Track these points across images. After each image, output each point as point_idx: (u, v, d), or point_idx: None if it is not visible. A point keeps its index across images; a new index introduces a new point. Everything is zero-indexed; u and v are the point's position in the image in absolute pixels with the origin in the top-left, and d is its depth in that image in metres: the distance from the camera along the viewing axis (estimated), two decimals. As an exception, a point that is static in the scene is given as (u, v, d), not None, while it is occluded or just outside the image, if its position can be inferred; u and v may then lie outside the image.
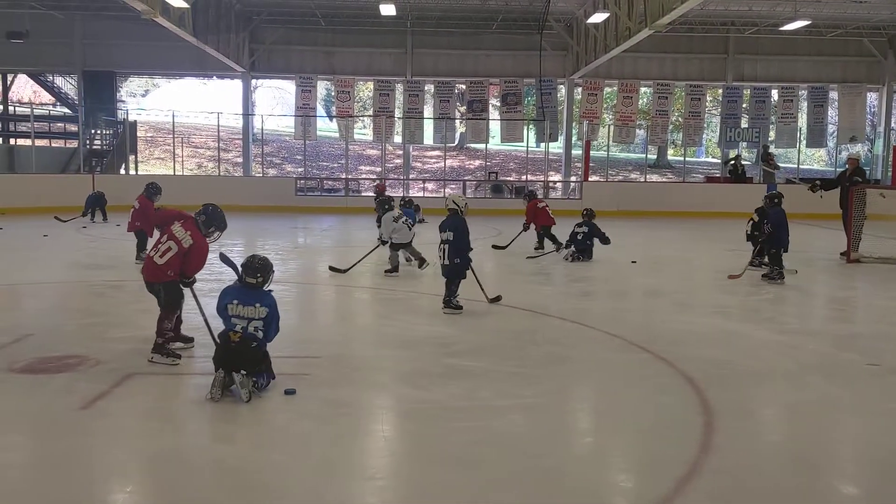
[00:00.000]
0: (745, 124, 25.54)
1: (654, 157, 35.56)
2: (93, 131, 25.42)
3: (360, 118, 30.09)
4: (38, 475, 3.82)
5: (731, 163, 23.39)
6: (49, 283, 8.83)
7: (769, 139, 25.81)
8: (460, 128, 29.36)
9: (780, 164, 25.14)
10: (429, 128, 25.66)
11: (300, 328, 5.29)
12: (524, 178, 28.16)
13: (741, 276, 9.93)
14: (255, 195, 20.73)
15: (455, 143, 32.32)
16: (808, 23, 21.06)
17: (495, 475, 3.87)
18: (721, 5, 22.10)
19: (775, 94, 26.11)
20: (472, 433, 4.41)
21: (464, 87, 25.91)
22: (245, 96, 26.45)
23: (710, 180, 26.15)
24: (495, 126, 26.60)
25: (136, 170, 25.97)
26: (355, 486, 3.76)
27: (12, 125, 26.50)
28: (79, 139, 23.53)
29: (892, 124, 26.10)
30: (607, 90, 26.35)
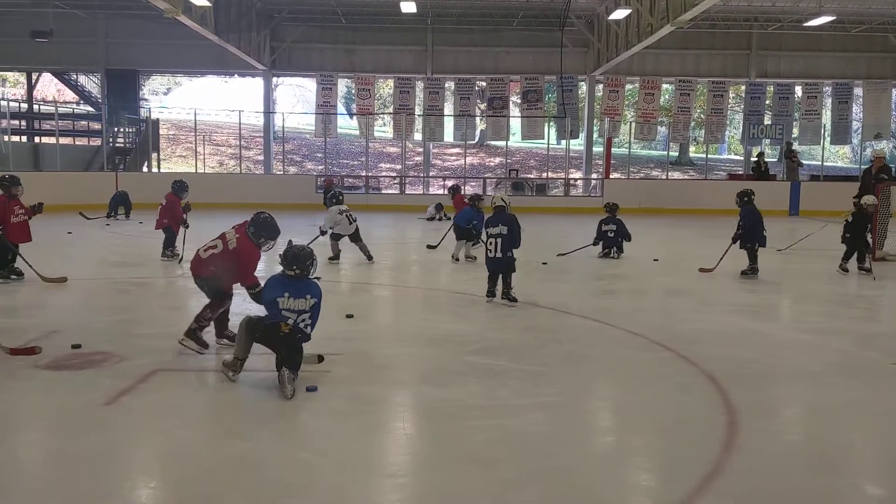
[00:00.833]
0: (768, 121, 25.34)
1: (676, 154, 35.40)
2: (116, 129, 25.73)
3: (381, 115, 30.14)
4: (63, 471, 3.86)
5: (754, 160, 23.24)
6: (74, 279, 8.93)
7: (793, 136, 25.58)
8: (480, 125, 29.34)
9: (803, 161, 24.92)
10: (449, 125, 25.67)
11: (320, 325, 5.31)
12: (545, 175, 28.12)
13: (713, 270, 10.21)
14: (276, 193, 20.78)
15: (475, 141, 32.33)
16: (833, 18, 20.88)
17: (515, 474, 3.86)
18: (744, 1, 21.95)
19: (799, 90, 25.87)
20: (492, 431, 4.41)
21: (484, 84, 25.90)
22: (266, 94, 26.60)
23: (733, 177, 25.97)
24: (516, 123, 26.58)
25: (158, 167, 26.24)
26: (375, 484, 3.78)
27: (37, 123, 26.82)
28: (102, 137, 23.80)
29: (918, 120, 25.82)
30: (629, 87, 26.24)
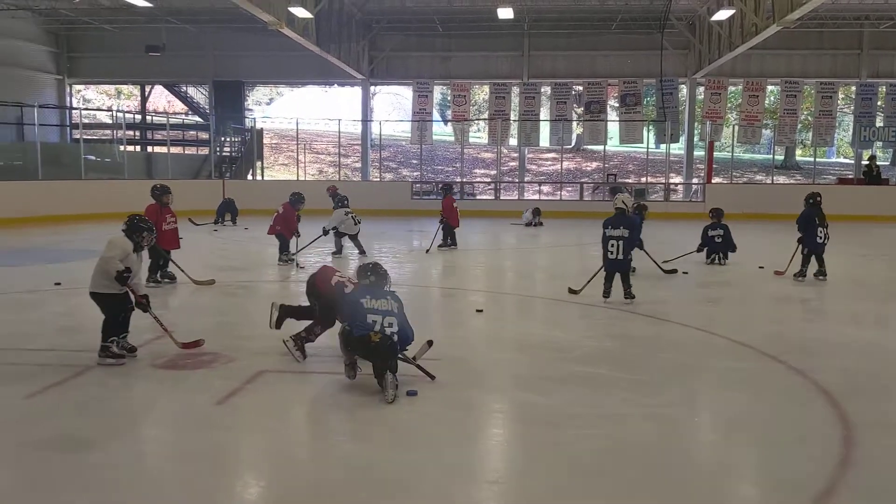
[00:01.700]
0: (880, 123, 24.11)
1: (782, 157, 34.13)
2: (222, 139, 26.73)
3: (476, 122, 30.24)
4: (179, 467, 4.03)
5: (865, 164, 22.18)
6: (185, 283, 9.31)
7: (907, 138, 24.27)
8: (577, 129, 29.06)
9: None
10: (545, 130, 25.52)
11: (418, 330, 5.37)
12: (643, 179, 27.60)
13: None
14: (373, 199, 21.13)
15: (572, 145, 32.00)
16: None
17: (620, 485, 3.79)
18: (855, -2, 21.00)
19: (915, 90, 24.51)
20: (595, 441, 4.34)
21: (581, 88, 25.63)
22: (364, 103, 27.09)
23: (843, 182, 24.82)
24: (613, 127, 26.18)
25: (262, 175, 27.11)
26: (476, 490, 3.77)
27: (149, 133, 28.21)
28: (210, 146, 24.80)
29: None
30: (731, 89, 25.45)
